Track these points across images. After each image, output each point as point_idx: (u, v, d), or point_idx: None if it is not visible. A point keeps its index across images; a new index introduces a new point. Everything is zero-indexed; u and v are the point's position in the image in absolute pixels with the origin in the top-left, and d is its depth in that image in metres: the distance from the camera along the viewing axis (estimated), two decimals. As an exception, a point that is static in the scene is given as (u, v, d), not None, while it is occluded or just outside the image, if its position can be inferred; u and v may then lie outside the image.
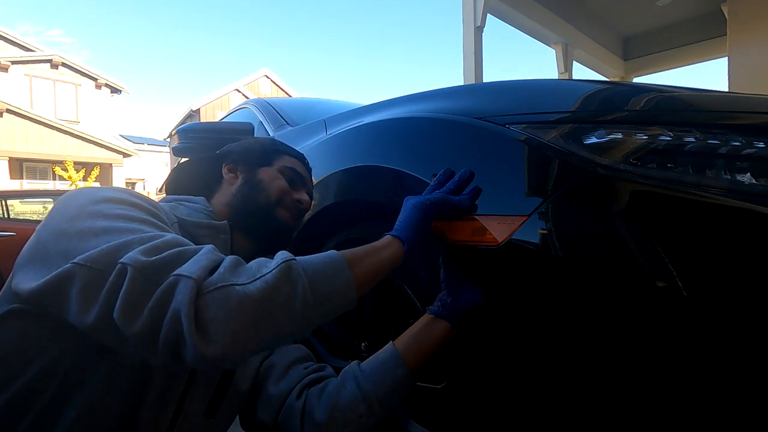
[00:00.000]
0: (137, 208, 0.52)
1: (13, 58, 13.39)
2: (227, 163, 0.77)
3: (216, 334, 0.39)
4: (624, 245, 0.50)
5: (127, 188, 0.58)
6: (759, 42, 4.04)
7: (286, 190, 0.75)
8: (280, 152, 0.80)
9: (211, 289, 0.40)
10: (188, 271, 0.41)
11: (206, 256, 0.45)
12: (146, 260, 0.41)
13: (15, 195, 4.85)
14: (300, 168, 0.81)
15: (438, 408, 0.73)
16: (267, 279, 0.43)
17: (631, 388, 0.50)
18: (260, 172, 0.75)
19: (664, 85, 0.66)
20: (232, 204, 0.72)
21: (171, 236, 0.47)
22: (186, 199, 0.70)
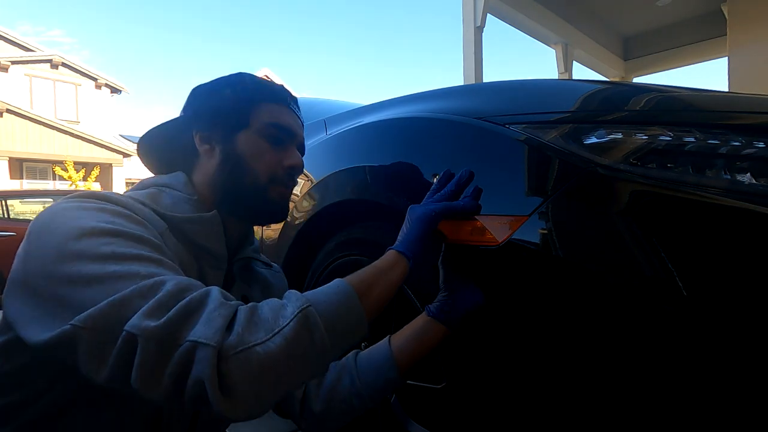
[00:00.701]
0: (123, 237, 0.46)
1: (13, 58, 13.39)
2: (198, 131, 0.64)
3: (241, 396, 0.39)
4: (624, 245, 0.50)
5: (107, 197, 0.51)
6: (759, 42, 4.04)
7: (275, 164, 0.64)
8: (256, 102, 0.64)
9: (231, 353, 0.39)
10: (205, 337, 0.39)
11: (219, 313, 0.41)
12: (154, 326, 0.38)
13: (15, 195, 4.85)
14: (285, 116, 0.66)
15: (438, 408, 0.73)
16: (285, 334, 0.42)
17: (631, 387, 0.50)
18: (239, 141, 0.63)
19: (664, 85, 0.66)
20: (216, 186, 0.63)
21: (170, 282, 0.43)
22: (166, 184, 0.62)
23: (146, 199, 0.57)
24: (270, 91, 0.66)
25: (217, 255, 0.62)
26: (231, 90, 0.64)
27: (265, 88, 0.66)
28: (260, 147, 0.63)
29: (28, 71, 13.68)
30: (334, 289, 0.50)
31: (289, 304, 0.46)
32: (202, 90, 0.66)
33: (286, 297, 0.48)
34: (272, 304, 0.46)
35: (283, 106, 0.67)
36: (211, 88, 0.66)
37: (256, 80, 0.67)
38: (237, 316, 0.42)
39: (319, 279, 1.00)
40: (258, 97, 0.65)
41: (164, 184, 0.62)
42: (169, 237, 0.55)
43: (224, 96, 0.64)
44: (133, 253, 0.45)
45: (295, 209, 1.08)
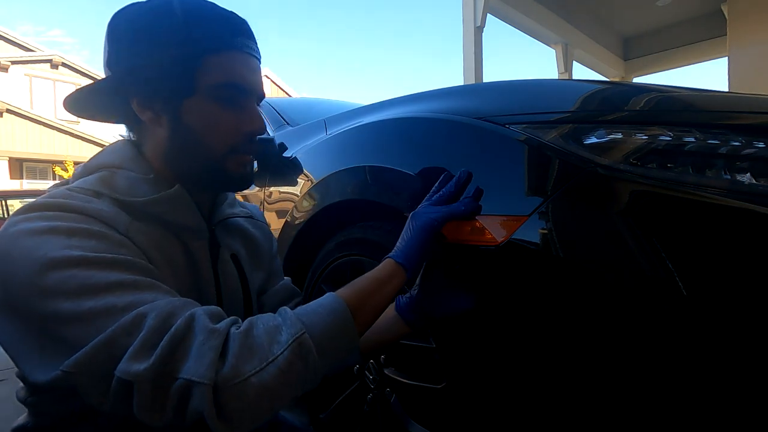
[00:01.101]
0: (87, 265, 0.42)
1: (13, 58, 13.40)
2: (134, 96, 0.54)
3: (239, 421, 0.40)
4: (624, 245, 0.50)
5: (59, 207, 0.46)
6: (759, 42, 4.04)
7: (232, 133, 0.55)
8: (198, 57, 0.52)
9: (227, 386, 0.39)
10: (198, 375, 0.39)
11: (208, 346, 0.40)
12: (144, 369, 0.38)
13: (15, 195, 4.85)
14: (238, 67, 0.54)
15: (438, 408, 0.73)
16: (280, 364, 0.42)
17: (630, 387, 0.50)
18: (185, 110, 0.53)
19: (664, 85, 0.66)
20: (170, 161, 0.56)
21: (151, 314, 0.41)
22: (116, 164, 0.55)
23: (101, 187, 0.51)
24: (211, 34, 0.53)
25: (195, 227, 0.57)
26: (163, 42, 0.51)
27: (208, 30, 0.52)
28: (212, 115, 0.54)
29: (28, 71, 13.69)
30: (328, 308, 0.49)
31: (284, 328, 0.45)
32: (125, 37, 0.53)
33: (282, 317, 0.47)
34: (267, 325, 0.45)
35: (234, 53, 0.54)
36: (134, 35, 0.52)
37: (193, 18, 0.52)
38: (229, 344, 0.42)
39: (319, 279, 1.00)
40: (200, 48, 0.52)
41: (114, 164, 0.55)
42: (137, 228, 0.50)
43: (156, 52, 0.51)
44: (104, 282, 0.42)
45: (295, 209, 1.08)
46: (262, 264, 0.72)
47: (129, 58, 0.52)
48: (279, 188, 1.23)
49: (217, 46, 0.53)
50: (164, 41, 0.51)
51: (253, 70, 0.56)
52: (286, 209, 1.14)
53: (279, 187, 1.23)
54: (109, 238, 0.46)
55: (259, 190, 1.33)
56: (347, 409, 0.95)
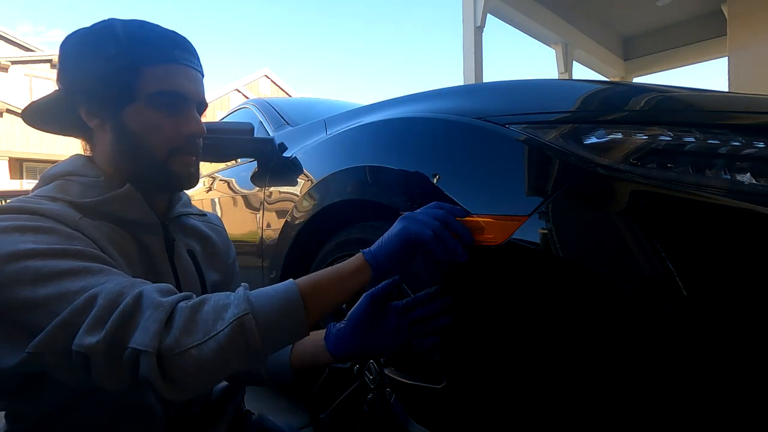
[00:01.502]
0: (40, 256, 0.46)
1: (13, 58, 13.40)
2: (81, 106, 0.59)
3: (183, 385, 0.45)
4: (624, 245, 0.50)
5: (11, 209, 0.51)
6: (759, 42, 4.04)
7: (173, 135, 0.60)
8: (136, 69, 0.57)
9: (169, 355, 0.44)
10: (143, 344, 0.43)
11: (153, 318, 0.44)
12: (96, 341, 0.43)
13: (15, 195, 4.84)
14: (175, 78, 0.59)
15: (438, 408, 0.73)
16: (220, 340, 0.45)
17: (631, 387, 0.50)
18: (127, 116, 0.58)
19: (664, 85, 0.66)
20: (117, 164, 0.61)
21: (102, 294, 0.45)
22: (69, 172, 0.60)
23: (56, 193, 0.56)
24: (151, 49, 0.58)
25: (148, 223, 0.62)
26: (104, 57, 0.56)
27: (145, 45, 0.58)
28: (153, 120, 0.58)
29: (28, 71, 13.68)
30: (281, 293, 0.51)
31: (231, 306, 0.48)
32: (72, 53, 0.59)
33: (234, 296, 0.49)
34: (217, 302, 0.48)
35: (171, 65, 0.59)
36: (79, 50, 0.58)
37: (131, 35, 0.57)
38: (175, 317, 0.45)
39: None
40: (138, 61, 0.57)
41: (67, 172, 0.60)
42: (87, 223, 0.54)
43: (99, 66, 0.56)
44: (56, 270, 0.46)
45: (295, 209, 1.08)
46: (218, 264, 0.76)
47: (75, 71, 0.58)
48: (279, 188, 1.23)
49: (156, 58, 0.58)
50: (107, 55, 0.57)
51: (191, 80, 0.61)
52: (286, 209, 1.14)
53: (279, 187, 1.23)
54: (59, 232, 0.50)
55: (259, 190, 1.33)
56: (347, 409, 0.95)
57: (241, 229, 1.41)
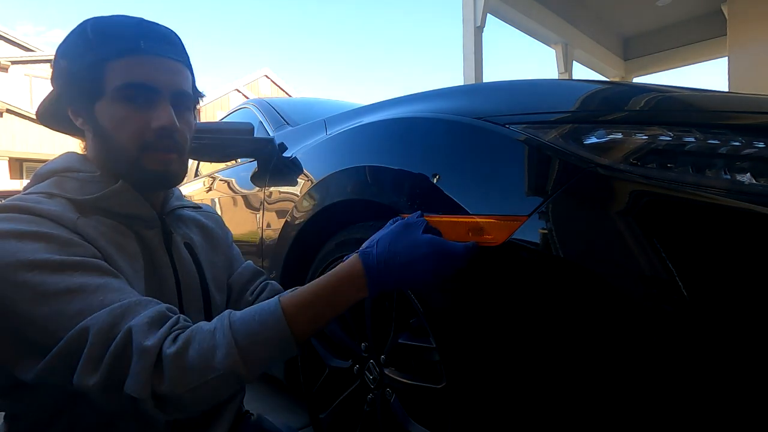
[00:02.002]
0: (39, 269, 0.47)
1: (13, 58, 13.39)
2: (68, 107, 0.60)
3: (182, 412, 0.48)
4: (624, 245, 0.50)
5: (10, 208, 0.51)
6: (759, 42, 4.04)
7: (141, 130, 0.58)
8: (102, 63, 0.56)
9: (165, 399, 0.46)
10: (137, 393, 0.44)
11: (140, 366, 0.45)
12: (93, 383, 0.45)
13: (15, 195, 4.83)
14: (140, 69, 0.57)
15: (438, 408, 0.73)
16: (211, 384, 0.47)
17: (631, 388, 0.50)
18: (98, 112, 0.58)
19: (664, 85, 0.66)
20: (102, 161, 0.61)
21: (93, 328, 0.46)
22: (65, 168, 0.60)
23: (53, 189, 0.56)
24: (115, 42, 0.56)
25: (146, 217, 0.62)
26: (75, 55, 0.57)
27: (109, 39, 0.56)
28: (120, 114, 0.57)
29: (28, 71, 13.68)
30: (270, 326, 0.50)
31: (218, 351, 0.48)
32: (57, 56, 0.60)
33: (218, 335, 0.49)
34: (202, 347, 0.48)
35: (137, 56, 0.57)
36: (62, 53, 0.59)
37: (98, 31, 0.57)
38: (164, 364, 0.46)
39: (319, 279, 1.00)
40: (103, 55, 0.56)
41: (64, 168, 0.60)
42: (85, 223, 0.54)
43: (74, 66, 0.57)
44: (53, 289, 0.47)
45: (295, 209, 1.08)
46: (220, 249, 0.78)
47: (58, 75, 0.60)
48: (279, 188, 1.23)
49: (120, 51, 0.56)
50: (77, 55, 0.57)
51: (160, 71, 0.58)
52: (286, 209, 1.14)
53: (279, 187, 1.23)
54: (57, 238, 0.50)
55: (259, 190, 1.33)
56: (347, 409, 0.95)
57: (241, 229, 1.41)
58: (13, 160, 12.86)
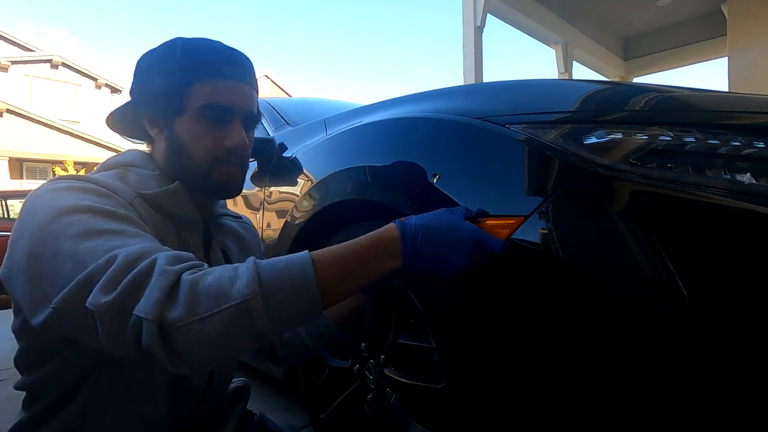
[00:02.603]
0: (90, 213, 0.50)
1: (13, 58, 13.39)
2: (145, 116, 0.66)
3: (186, 357, 0.44)
4: (624, 245, 0.50)
5: (78, 177, 0.56)
6: (759, 42, 4.04)
7: (215, 147, 0.64)
8: (187, 84, 0.62)
9: (172, 328, 0.43)
10: (145, 312, 0.42)
11: (157, 285, 0.43)
12: (105, 301, 0.43)
13: (15, 195, 4.85)
14: (221, 92, 0.63)
15: (438, 408, 0.73)
16: (224, 317, 0.43)
17: (631, 388, 0.50)
18: (177, 126, 0.64)
19: (664, 85, 0.66)
20: (170, 167, 0.66)
21: (121, 255, 0.45)
22: (129, 163, 0.66)
23: (116, 181, 0.61)
24: (202, 65, 0.63)
25: (190, 219, 0.66)
26: (162, 72, 0.63)
27: (197, 62, 0.63)
28: (198, 131, 0.63)
29: (28, 71, 13.68)
30: (297, 273, 0.47)
31: (237, 282, 0.45)
32: (141, 68, 0.66)
33: (242, 270, 0.46)
34: (221, 276, 0.45)
35: (220, 80, 0.63)
36: (146, 66, 0.65)
37: (187, 52, 0.63)
38: (179, 288, 0.44)
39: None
40: (189, 76, 0.62)
41: (127, 163, 0.66)
42: (139, 203, 0.59)
43: (159, 80, 0.63)
44: (99, 228, 0.49)
45: (295, 209, 1.08)
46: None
47: (141, 86, 0.65)
48: (279, 188, 1.23)
49: (205, 73, 0.63)
50: (164, 71, 0.63)
51: (239, 94, 0.65)
52: (286, 209, 1.14)
53: (279, 187, 1.23)
54: (116, 198, 0.55)
55: (259, 190, 1.33)
56: (347, 409, 0.95)
57: (241, 229, 1.41)
58: (13, 160, 12.85)
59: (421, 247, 0.52)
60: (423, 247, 0.52)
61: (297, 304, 0.47)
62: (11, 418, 0.61)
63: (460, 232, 0.53)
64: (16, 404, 0.62)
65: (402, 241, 0.52)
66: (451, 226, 0.54)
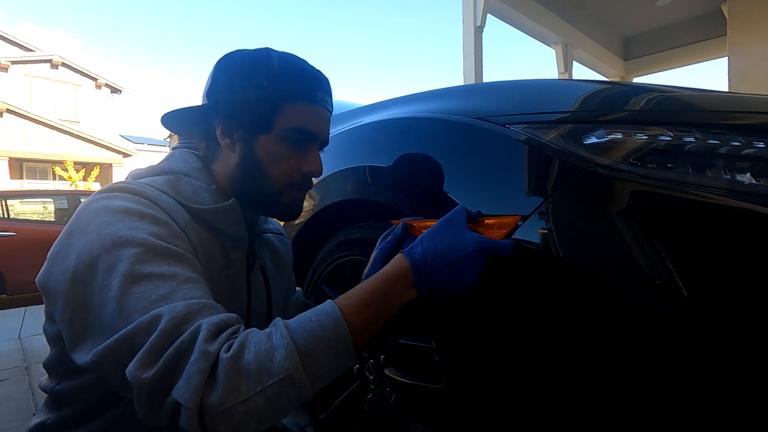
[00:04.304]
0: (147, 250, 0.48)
1: (13, 58, 13.40)
2: (219, 123, 0.63)
3: None
4: (624, 245, 0.50)
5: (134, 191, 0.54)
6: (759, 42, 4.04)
7: (293, 170, 0.63)
8: (281, 103, 0.61)
9: (213, 413, 0.41)
10: (184, 398, 0.40)
11: (197, 368, 0.41)
12: (145, 378, 0.41)
13: (15, 195, 4.85)
14: (310, 117, 0.63)
15: (438, 408, 0.73)
16: (268, 395, 0.42)
17: (630, 388, 0.50)
18: (259, 144, 0.62)
19: (664, 85, 0.66)
20: (234, 181, 0.64)
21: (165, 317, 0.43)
22: (184, 172, 0.63)
23: (167, 188, 0.59)
24: (299, 85, 0.61)
25: (240, 238, 0.64)
26: (254, 83, 0.60)
27: (295, 81, 0.61)
28: (280, 152, 0.62)
29: (28, 71, 13.69)
30: (329, 329, 0.46)
31: (276, 354, 0.44)
32: (226, 72, 0.62)
33: (276, 337, 0.45)
34: (258, 349, 0.44)
35: (310, 104, 0.62)
36: (233, 72, 0.62)
37: (285, 69, 0.61)
38: (219, 369, 0.42)
39: (319, 279, 1.00)
40: (284, 96, 0.60)
41: (182, 172, 0.63)
42: (193, 227, 0.57)
43: (248, 92, 0.60)
44: (148, 271, 0.46)
45: (295, 209, 1.08)
46: (285, 274, 0.81)
47: (225, 91, 0.62)
48: (279, 188, 1.22)
49: (299, 96, 0.61)
50: (257, 83, 0.60)
51: (324, 121, 0.65)
52: (286, 209, 1.14)
53: (279, 187, 1.23)
54: (171, 227, 0.53)
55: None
56: (347, 408, 0.95)
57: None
58: (13, 160, 12.86)
59: (432, 271, 0.53)
60: (434, 271, 0.53)
61: (336, 362, 0.47)
62: (11, 418, 0.61)
63: (465, 247, 0.54)
64: (16, 404, 0.62)
65: (414, 271, 0.53)
66: (455, 241, 0.54)
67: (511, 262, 0.59)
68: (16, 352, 2.23)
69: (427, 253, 0.53)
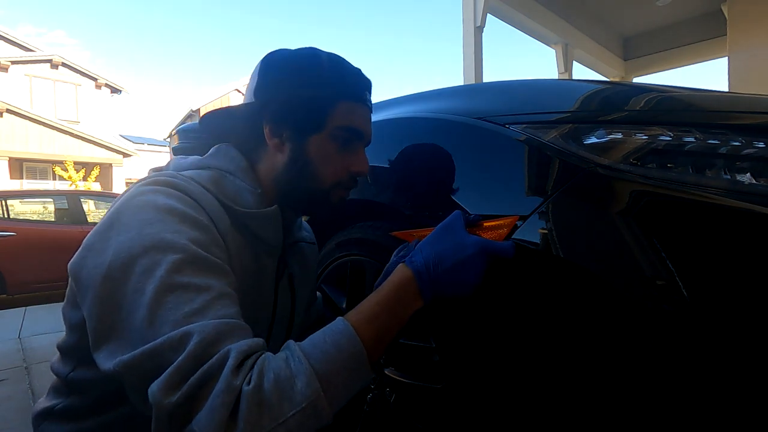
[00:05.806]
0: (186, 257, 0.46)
1: (13, 58, 13.40)
2: (268, 123, 0.61)
3: None
4: (624, 245, 0.50)
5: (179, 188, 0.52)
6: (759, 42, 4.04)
7: (341, 170, 0.63)
8: (333, 102, 0.60)
9: None
10: (203, 428, 0.39)
11: (221, 401, 0.40)
12: (168, 402, 0.40)
13: (15, 195, 4.85)
14: (359, 116, 0.63)
15: (438, 408, 0.73)
16: (290, 425, 0.41)
17: (630, 388, 0.50)
18: (310, 143, 0.61)
19: (664, 85, 0.66)
20: (280, 182, 0.63)
21: (195, 337, 0.42)
22: (229, 170, 0.62)
23: (210, 185, 0.58)
24: (349, 84, 0.62)
25: (274, 245, 0.64)
26: (308, 84, 0.60)
27: (345, 80, 0.62)
28: (330, 152, 0.62)
29: (28, 71, 13.69)
30: (345, 347, 0.46)
31: (297, 382, 0.43)
32: (274, 70, 0.61)
33: (293, 362, 0.44)
34: (278, 377, 0.43)
35: (358, 104, 0.63)
36: (284, 73, 0.61)
37: (335, 68, 0.62)
38: (241, 404, 0.41)
39: (319, 279, 1.00)
40: (336, 95, 0.60)
41: (227, 170, 0.62)
42: (233, 234, 0.57)
43: (301, 91, 0.60)
44: (185, 282, 0.45)
45: (295, 209, 1.08)
46: (309, 280, 0.80)
47: (274, 90, 0.61)
48: (279, 188, 1.22)
49: (349, 95, 0.61)
50: (309, 81, 0.60)
51: (368, 121, 0.66)
52: (286, 209, 1.14)
53: (279, 187, 1.22)
54: (211, 232, 0.52)
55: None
56: (347, 408, 0.95)
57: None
58: (13, 160, 12.86)
59: (435, 278, 0.53)
60: (436, 277, 0.53)
61: (354, 382, 0.47)
62: (11, 418, 0.60)
63: (465, 250, 0.54)
64: (16, 404, 0.62)
65: (417, 279, 0.53)
66: (456, 245, 0.54)
67: (511, 263, 0.59)
68: (16, 352, 2.23)
69: (428, 260, 0.53)
